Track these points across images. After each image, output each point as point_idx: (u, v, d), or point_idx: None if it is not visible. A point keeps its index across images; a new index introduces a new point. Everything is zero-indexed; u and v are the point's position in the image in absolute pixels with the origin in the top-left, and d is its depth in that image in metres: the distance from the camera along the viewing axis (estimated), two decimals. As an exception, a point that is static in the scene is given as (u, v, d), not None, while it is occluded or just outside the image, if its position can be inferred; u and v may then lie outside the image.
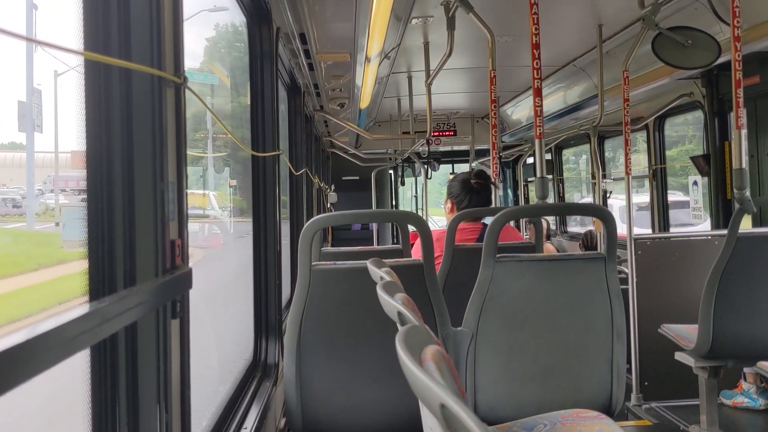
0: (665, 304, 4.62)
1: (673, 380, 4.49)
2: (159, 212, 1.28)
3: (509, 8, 4.69)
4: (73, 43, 1.19)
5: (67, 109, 1.21)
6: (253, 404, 2.67)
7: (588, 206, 5.54)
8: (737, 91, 3.54)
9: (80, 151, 1.18)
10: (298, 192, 5.37)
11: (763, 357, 3.32)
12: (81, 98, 1.20)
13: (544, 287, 2.66)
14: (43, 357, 0.80)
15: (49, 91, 1.89)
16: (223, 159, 4.95)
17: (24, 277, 2.10)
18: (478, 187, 4.21)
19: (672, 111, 6.56)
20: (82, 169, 1.21)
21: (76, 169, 1.14)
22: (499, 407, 2.66)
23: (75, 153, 1.27)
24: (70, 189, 2.12)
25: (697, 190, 6.65)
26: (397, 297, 1.35)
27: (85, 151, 1.21)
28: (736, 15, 3.53)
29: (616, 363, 2.66)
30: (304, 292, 2.55)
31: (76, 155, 1.18)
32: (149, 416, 1.27)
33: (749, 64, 4.48)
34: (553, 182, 9.88)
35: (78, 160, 1.14)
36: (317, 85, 5.82)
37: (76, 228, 1.24)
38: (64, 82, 1.83)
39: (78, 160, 1.14)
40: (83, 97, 1.21)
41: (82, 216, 1.23)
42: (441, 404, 0.70)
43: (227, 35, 4.29)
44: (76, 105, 1.19)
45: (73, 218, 1.40)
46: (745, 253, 3.44)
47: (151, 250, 1.26)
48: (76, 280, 1.21)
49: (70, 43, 1.19)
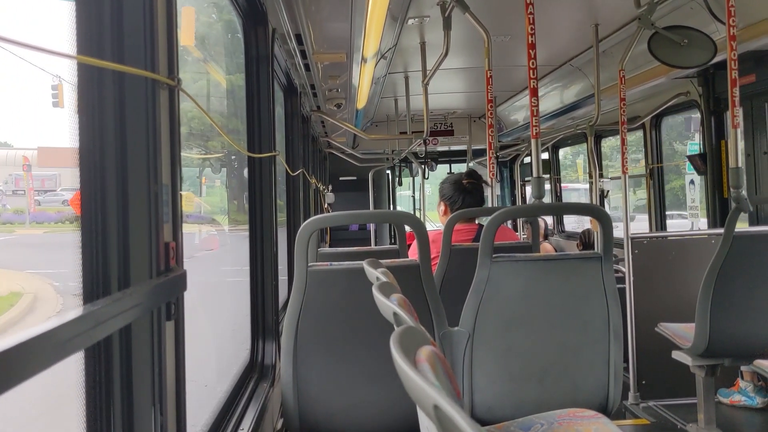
0: (662, 302, 4.63)
1: (671, 379, 4.49)
2: (153, 214, 1.28)
3: (505, 8, 4.69)
4: (67, 46, 1.18)
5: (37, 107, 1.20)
6: (250, 405, 2.68)
7: (584, 206, 5.55)
8: (733, 90, 3.55)
9: (51, 148, 1.18)
10: (295, 193, 5.37)
11: (760, 355, 3.33)
12: (74, 101, 1.20)
13: (540, 287, 2.67)
14: (38, 359, 0.80)
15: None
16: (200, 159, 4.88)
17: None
18: (471, 187, 4.21)
19: (668, 110, 6.56)
20: (76, 171, 1.21)
21: (44, 168, 1.14)
22: (496, 407, 2.66)
23: (42, 150, 1.26)
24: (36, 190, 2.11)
25: (694, 189, 6.66)
26: (392, 298, 1.35)
27: (79, 153, 1.21)
28: (732, 14, 3.54)
29: (613, 362, 2.66)
30: (301, 293, 2.55)
31: (44, 152, 1.18)
32: (144, 419, 1.27)
33: (745, 63, 4.49)
34: (550, 182, 9.89)
35: (48, 158, 1.14)
36: (314, 86, 5.82)
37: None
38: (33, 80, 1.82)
39: (48, 158, 1.14)
40: (76, 100, 1.21)
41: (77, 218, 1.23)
42: (434, 405, 0.70)
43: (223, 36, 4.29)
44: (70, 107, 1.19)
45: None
46: (742, 252, 3.44)
47: (145, 253, 1.26)
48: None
49: (63, 46, 1.19)
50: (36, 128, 12.71)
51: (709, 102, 5.75)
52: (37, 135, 14.05)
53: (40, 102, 13.81)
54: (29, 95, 11.56)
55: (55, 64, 14.15)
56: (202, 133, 4.06)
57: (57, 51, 1.09)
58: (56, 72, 4.41)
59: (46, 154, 9.15)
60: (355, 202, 11.04)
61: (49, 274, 10.70)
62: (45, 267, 11.46)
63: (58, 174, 15.71)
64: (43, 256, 12.53)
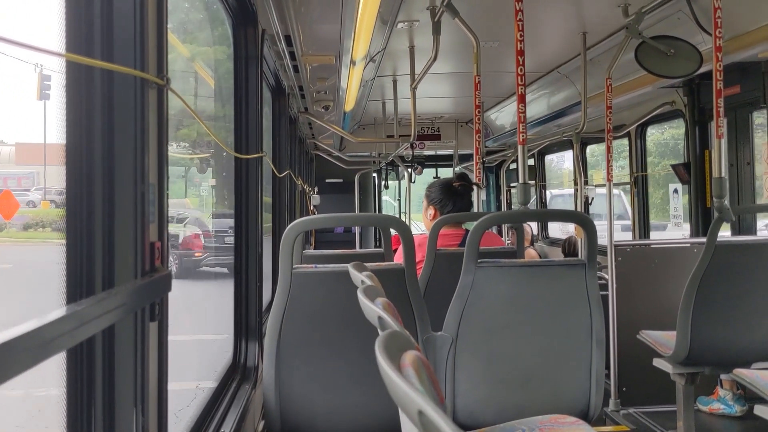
0: (644, 310, 4.66)
1: (651, 386, 4.52)
2: (139, 214, 1.27)
3: (495, 14, 4.71)
4: (55, 44, 1.18)
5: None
6: (231, 407, 2.66)
7: (569, 213, 5.58)
8: (718, 100, 3.58)
9: (29, 144, 1.18)
10: (281, 194, 5.36)
11: (740, 364, 3.36)
12: (62, 99, 1.20)
13: (524, 293, 2.68)
14: (20, 359, 0.79)
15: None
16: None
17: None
18: (462, 190, 4.22)
19: (653, 119, 6.62)
20: (62, 169, 1.21)
21: (22, 166, 1.14)
22: (478, 412, 2.67)
23: (20, 145, 1.25)
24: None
25: (678, 198, 6.71)
26: (377, 301, 1.35)
27: (65, 151, 1.20)
28: (719, 25, 3.57)
29: (595, 369, 2.68)
30: (285, 295, 2.54)
31: (23, 149, 1.17)
32: (126, 419, 1.26)
33: (730, 74, 4.53)
34: (536, 188, 9.94)
35: (28, 155, 1.13)
36: (302, 87, 5.82)
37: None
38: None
39: (28, 155, 1.13)
40: (64, 98, 1.20)
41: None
42: (419, 411, 0.70)
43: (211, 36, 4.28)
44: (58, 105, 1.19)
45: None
46: (723, 261, 3.47)
47: (130, 252, 1.25)
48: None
49: (51, 44, 1.18)
50: (10, 122, 11.97)
51: (693, 112, 5.80)
52: (13, 129, 13.30)
53: (16, 94, 13.19)
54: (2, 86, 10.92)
55: (39, 59, 13.87)
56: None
57: (45, 48, 1.08)
58: (34, 62, 4.33)
59: (26, 151, 8.92)
60: (340, 204, 11.04)
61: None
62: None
63: (36, 172, 15.01)
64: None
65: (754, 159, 5.28)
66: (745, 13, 4.06)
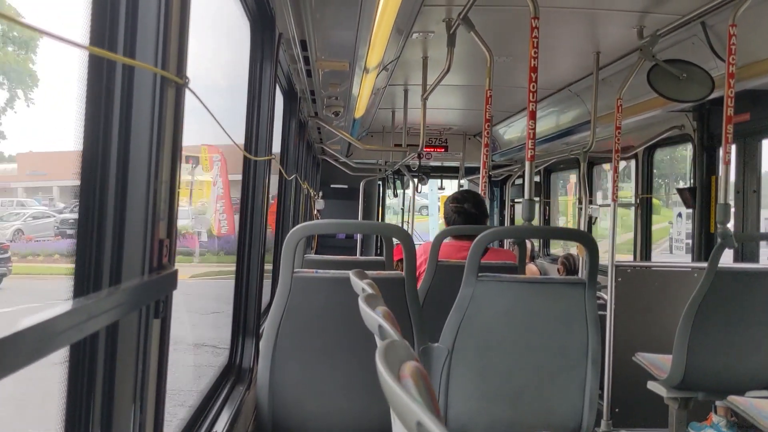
0: (641, 332, 4.65)
1: (644, 409, 4.52)
2: (150, 211, 1.28)
3: (510, 30, 4.73)
4: (79, 36, 1.19)
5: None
6: (224, 407, 2.67)
7: (572, 231, 5.58)
8: (727, 127, 3.59)
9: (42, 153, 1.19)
10: (286, 197, 5.37)
11: (735, 391, 3.36)
12: (82, 93, 1.21)
13: (522, 308, 2.69)
14: (26, 352, 0.80)
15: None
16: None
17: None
18: (477, 214, 4.19)
19: (662, 142, 6.62)
20: (77, 164, 1.22)
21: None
22: (470, 424, 2.67)
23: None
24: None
25: (681, 222, 6.72)
26: (378, 310, 1.36)
27: (82, 145, 1.21)
28: (732, 52, 3.58)
29: (589, 388, 2.68)
30: (284, 299, 2.56)
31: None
32: (124, 416, 1.27)
33: (741, 101, 4.54)
34: (540, 205, 9.94)
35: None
36: (314, 92, 5.83)
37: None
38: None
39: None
40: (84, 92, 1.21)
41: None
42: (418, 422, 0.71)
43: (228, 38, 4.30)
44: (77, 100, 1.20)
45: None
46: (724, 288, 3.47)
47: (139, 249, 1.27)
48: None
49: (75, 36, 1.19)
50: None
51: (702, 137, 5.81)
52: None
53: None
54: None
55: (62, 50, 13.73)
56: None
57: (70, 39, 1.09)
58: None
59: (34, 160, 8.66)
60: (344, 210, 11.05)
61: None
62: None
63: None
64: None
65: (761, 187, 5.28)
66: (759, 40, 4.07)
